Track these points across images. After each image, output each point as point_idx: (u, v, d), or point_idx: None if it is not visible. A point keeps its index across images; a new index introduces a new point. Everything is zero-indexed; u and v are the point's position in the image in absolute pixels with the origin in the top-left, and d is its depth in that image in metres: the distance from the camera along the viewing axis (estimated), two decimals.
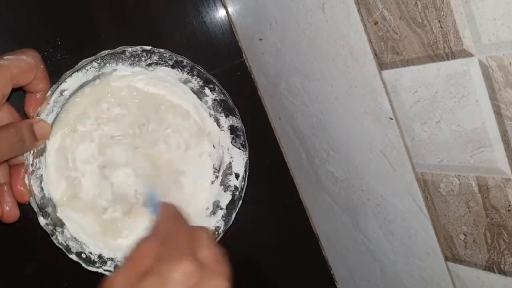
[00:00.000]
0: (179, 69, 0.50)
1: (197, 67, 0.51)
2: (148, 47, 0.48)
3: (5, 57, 0.41)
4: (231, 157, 0.54)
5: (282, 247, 0.67)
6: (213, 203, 0.54)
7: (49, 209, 0.47)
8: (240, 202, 0.54)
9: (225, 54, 0.61)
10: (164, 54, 0.49)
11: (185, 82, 0.51)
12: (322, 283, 0.69)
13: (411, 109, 0.44)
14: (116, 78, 0.49)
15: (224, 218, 0.54)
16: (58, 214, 0.47)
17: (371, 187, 0.55)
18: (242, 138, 0.54)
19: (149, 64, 0.49)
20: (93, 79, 0.48)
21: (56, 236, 0.47)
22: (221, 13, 0.60)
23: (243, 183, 0.54)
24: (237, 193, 0.54)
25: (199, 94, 0.52)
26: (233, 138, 0.54)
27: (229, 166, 0.54)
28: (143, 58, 0.48)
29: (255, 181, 0.56)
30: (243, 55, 0.62)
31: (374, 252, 0.60)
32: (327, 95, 0.53)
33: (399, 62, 0.43)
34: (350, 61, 0.48)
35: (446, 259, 0.50)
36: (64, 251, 0.47)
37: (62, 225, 0.48)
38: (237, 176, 0.54)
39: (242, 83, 0.62)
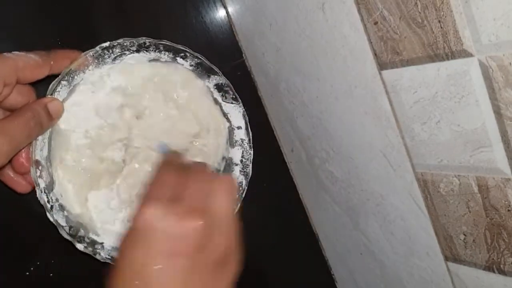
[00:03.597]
0: (144, 51, 0.50)
1: (162, 42, 0.50)
2: (106, 43, 0.48)
3: (14, 52, 0.42)
4: (227, 113, 0.54)
5: (282, 247, 0.67)
6: (226, 161, 0.55)
7: (82, 233, 0.47)
8: (252, 151, 0.55)
9: (225, 54, 0.61)
10: (125, 44, 0.49)
11: (156, 60, 0.51)
12: (322, 283, 0.69)
13: (411, 109, 0.44)
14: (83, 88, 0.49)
15: (242, 172, 0.54)
16: (91, 235, 0.48)
17: (371, 187, 0.55)
18: (231, 92, 0.54)
19: (114, 58, 0.49)
20: (70, 93, 0.47)
21: (99, 253, 0.47)
22: (221, 13, 0.60)
23: (248, 133, 0.55)
24: (246, 143, 0.55)
25: (174, 67, 0.52)
26: (222, 95, 0.54)
27: (229, 122, 0.55)
28: (106, 56, 0.48)
29: (255, 181, 0.56)
30: (243, 55, 0.62)
31: (374, 252, 0.60)
32: (327, 95, 0.53)
33: (399, 62, 0.43)
34: (350, 61, 0.48)
35: (446, 259, 0.50)
36: (111, 263, 0.48)
37: (101, 242, 0.48)
38: (239, 128, 0.55)
39: (242, 83, 0.62)
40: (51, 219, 0.45)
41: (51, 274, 0.52)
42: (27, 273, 0.51)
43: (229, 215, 0.38)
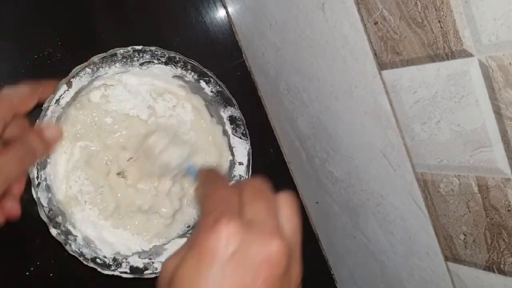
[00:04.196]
0: (172, 65, 0.50)
1: (190, 61, 0.50)
2: (139, 47, 0.48)
3: (4, 90, 0.43)
4: (233, 147, 0.54)
5: None
6: None
7: (59, 219, 0.47)
8: None
9: (225, 54, 0.61)
10: (156, 52, 0.49)
11: (180, 77, 0.51)
12: (322, 283, 0.69)
13: (411, 109, 0.44)
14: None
15: None
16: (67, 225, 0.48)
17: (371, 187, 0.55)
18: (242, 127, 0.54)
19: (142, 64, 0.49)
20: (88, 84, 0.48)
21: (70, 244, 0.47)
22: (221, 13, 0.60)
23: (248, 171, 0.54)
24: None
25: (194, 89, 0.52)
26: (233, 128, 0.54)
27: (232, 156, 0.55)
28: (135, 58, 0.48)
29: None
30: (243, 55, 0.62)
31: (374, 252, 0.60)
32: (327, 95, 0.53)
33: (399, 62, 0.43)
34: (350, 61, 0.48)
35: (446, 259, 0.50)
36: (79, 258, 0.47)
37: (75, 234, 0.48)
38: (241, 164, 0.54)
39: (242, 83, 0.62)
40: (34, 196, 0.45)
41: (51, 274, 0.52)
42: (27, 273, 0.51)
43: (299, 236, 0.33)
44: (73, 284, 0.54)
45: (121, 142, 0.51)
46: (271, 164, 0.65)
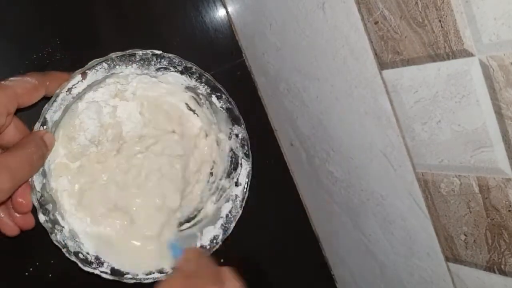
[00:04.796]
0: (188, 76, 0.50)
1: (206, 75, 0.51)
2: (159, 52, 0.48)
3: (11, 79, 0.42)
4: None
5: (282, 247, 0.67)
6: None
7: (49, 207, 0.47)
8: (241, 211, 0.53)
9: (225, 54, 0.61)
10: (174, 60, 0.49)
11: (194, 88, 0.51)
12: (322, 283, 0.69)
13: (412, 109, 0.44)
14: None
15: (223, 227, 0.53)
16: (56, 214, 0.47)
17: (371, 187, 0.54)
18: (246, 148, 0.54)
19: (158, 69, 0.49)
20: (103, 79, 0.48)
21: (55, 234, 0.47)
22: (221, 13, 0.60)
23: (245, 192, 0.54)
24: (238, 201, 0.54)
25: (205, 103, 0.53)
26: (236, 148, 0.54)
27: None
28: (152, 62, 0.48)
29: (255, 181, 0.56)
30: (243, 55, 0.62)
31: (374, 252, 0.59)
32: (327, 95, 0.53)
33: (400, 61, 0.43)
34: (350, 61, 0.48)
35: (447, 259, 0.50)
36: (62, 249, 0.47)
37: (62, 225, 0.48)
38: (239, 185, 0.54)
39: (242, 83, 0.62)
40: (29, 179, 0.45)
41: (50, 275, 0.52)
42: (26, 274, 0.51)
43: None
44: (73, 285, 0.53)
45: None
46: (271, 165, 0.65)
